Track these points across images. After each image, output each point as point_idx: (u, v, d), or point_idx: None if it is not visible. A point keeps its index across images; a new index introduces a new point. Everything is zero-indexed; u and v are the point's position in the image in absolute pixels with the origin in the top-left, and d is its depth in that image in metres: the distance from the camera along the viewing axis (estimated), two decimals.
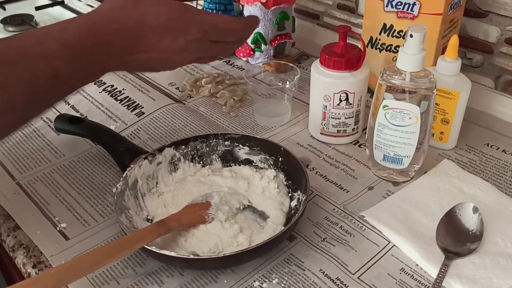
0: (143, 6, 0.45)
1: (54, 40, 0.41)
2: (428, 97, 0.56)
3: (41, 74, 0.40)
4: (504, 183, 0.60)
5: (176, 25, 0.46)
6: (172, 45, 0.46)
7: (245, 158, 0.62)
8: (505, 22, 0.71)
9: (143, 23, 0.45)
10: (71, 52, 0.42)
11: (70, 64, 0.42)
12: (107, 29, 0.44)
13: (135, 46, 0.45)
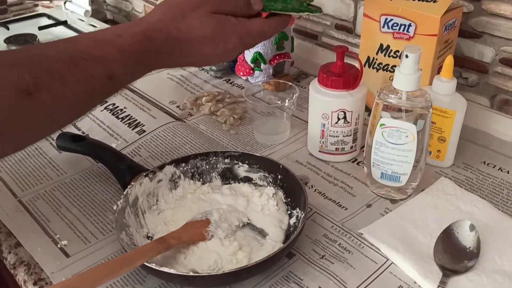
0: (190, 18, 0.50)
1: (111, 45, 0.46)
2: (424, 115, 0.57)
3: (98, 75, 0.45)
4: (501, 200, 0.61)
5: (218, 35, 0.52)
6: (213, 52, 0.53)
7: (245, 176, 0.63)
8: (499, 43, 0.72)
9: (189, 34, 0.50)
10: (125, 57, 0.46)
11: (123, 67, 0.47)
12: (157, 38, 0.49)
13: (180, 52, 0.51)
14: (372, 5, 0.67)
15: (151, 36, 0.48)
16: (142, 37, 0.48)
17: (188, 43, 0.50)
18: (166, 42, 0.49)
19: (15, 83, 0.39)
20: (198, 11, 0.51)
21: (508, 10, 0.69)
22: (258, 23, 0.55)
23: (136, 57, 0.47)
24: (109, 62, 0.45)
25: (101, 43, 0.46)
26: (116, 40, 0.47)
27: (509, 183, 0.64)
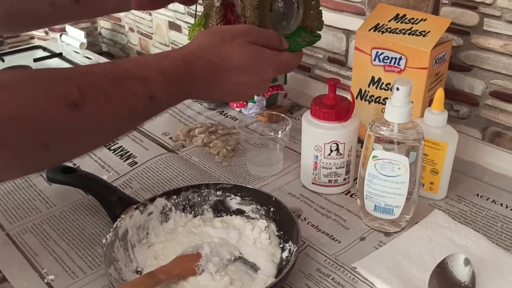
0: (229, 46, 0.53)
1: (153, 68, 0.48)
2: (416, 148, 0.57)
3: (140, 94, 0.46)
4: (495, 233, 0.61)
5: (255, 64, 0.54)
6: (249, 81, 0.55)
7: (237, 208, 0.62)
8: (489, 76, 0.73)
9: (227, 61, 0.52)
10: (166, 79, 0.49)
11: (164, 89, 0.48)
12: (197, 63, 0.51)
13: (217, 78, 0.53)
14: (363, 39, 0.68)
15: (191, 61, 0.51)
16: (183, 62, 0.50)
17: (226, 69, 0.52)
18: (205, 67, 0.51)
19: (63, 95, 0.41)
20: (237, 40, 0.53)
21: (496, 44, 0.71)
22: (288, 55, 0.59)
23: (176, 80, 0.49)
24: (150, 83, 0.47)
25: (144, 65, 0.48)
26: (158, 63, 0.49)
27: (503, 216, 0.63)
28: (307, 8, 0.67)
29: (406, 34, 0.65)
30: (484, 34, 0.71)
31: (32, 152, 0.40)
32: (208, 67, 0.52)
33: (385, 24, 0.67)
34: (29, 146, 0.40)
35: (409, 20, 0.67)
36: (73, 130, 0.42)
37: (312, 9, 0.66)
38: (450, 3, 0.74)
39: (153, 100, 0.47)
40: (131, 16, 1.42)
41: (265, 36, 0.57)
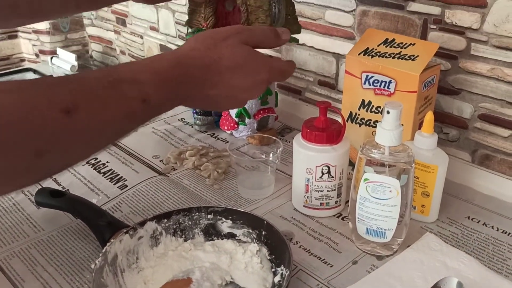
0: (221, 47, 0.52)
1: (146, 70, 0.47)
2: (407, 170, 0.57)
3: (134, 98, 0.46)
4: (487, 256, 0.61)
5: (248, 66, 0.53)
6: (242, 83, 0.53)
7: (228, 232, 0.62)
8: (477, 99, 0.74)
9: (220, 62, 0.51)
10: (160, 80, 0.48)
11: (158, 90, 0.47)
12: (190, 64, 0.50)
13: (210, 80, 0.51)
14: (353, 63, 0.69)
15: (184, 62, 0.50)
16: (176, 63, 0.50)
17: (219, 71, 0.51)
18: (198, 69, 0.51)
19: (57, 101, 0.40)
20: (229, 41, 0.52)
21: (484, 68, 0.72)
22: (281, 61, 0.58)
23: (169, 81, 0.48)
24: (144, 85, 0.46)
25: (137, 68, 0.48)
26: (152, 65, 0.48)
27: (494, 239, 0.64)
28: (286, 14, 0.67)
29: (395, 58, 0.66)
30: (472, 59, 0.73)
31: (25, 160, 0.39)
32: (202, 68, 0.51)
33: (374, 48, 0.68)
34: (22, 154, 0.39)
35: (398, 44, 0.68)
36: (67, 136, 0.41)
37: (290, 14, 0.67)
38: (437, 28, 0.75)
39: (146, 103, 0.46)
40: (122, 39, 1.43)
41: (258, 33, 0.56)
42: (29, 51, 1.49)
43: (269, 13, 0.60)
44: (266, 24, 0.60)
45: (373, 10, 0.82)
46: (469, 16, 0.71)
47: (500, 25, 0.68)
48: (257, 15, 0.59)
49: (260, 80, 0.54)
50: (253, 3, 0.59)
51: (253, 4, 0.59)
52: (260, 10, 0.59)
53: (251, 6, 0.60)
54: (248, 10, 0.60)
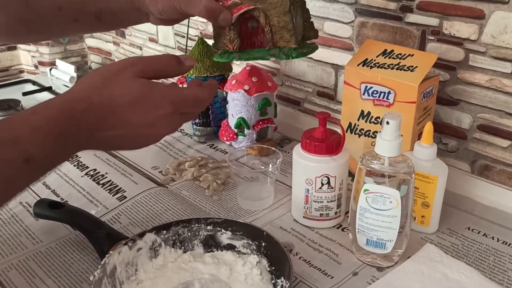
0: (112, 84, 0.47)
1: (26, 125, 0.42)
2: (407, 181, 0.57)
3: (11, 160, 0.41)
4: (488, 267, 0.60)
5: (145, 101, 0.47)
6: (141, 120, 0.47)
7: (228, 243, 0.61)
8: (476, 110, 0.74)
9: (111, 100, 0.46)
10: (42, 135, 0.42)
11: (41, 147, 0.42)
12: (77, 108, 0.44)
13: (104, 122, 0.46)
14: (352, 74, 0.69)
15: (70, 107, 0.44)
16: (60, 109, 0.44)
17: (112, 110, 0.46)
18: (87, 111, 0.45)
19: None
20: (120, 76, 0.47)
21: (482, 79, 0.72)
22: (192, 89, 0.52)
23: (54, 133, 0.43)
24: (23, 144, 0.41)
25: (15, 124, 0.42)
26: (31, 118, 0.43)
27: (495, 250, 0.63)
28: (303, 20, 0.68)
29: (394, 69, 0.66)
30: (470, 69, 0.73)
31: None
32: (91, 110, 0.45)
33: (373, 59, 0.69)
34: None
35: (396, 55, 0.68)
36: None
37: (306, 20, 0.67)
38: (436, 39, 0.75)
39: (29, 162, 0.41)
40: (121, 51, 1.44)
41: (154, 62, 0.50)
42: (28, 62, 1.49)
43: (293, 32, 0.61)
44: (291, 43, 0.61)
45: (371, 22, 0.83)
46: (467, 27, 0.71)
47: (498, 36, 0.69)
48: (282, 35, 0.61)
49: (164, 114, 0.48)
50: (277, 23, 0.60)
51: (277, 25, 0.60)
52: (284, 30, 0.60)
53: (274, 27, 0.61)
54: (272, 31, 0.61)
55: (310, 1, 0.90)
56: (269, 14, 0.60)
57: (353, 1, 0.84)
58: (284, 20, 0.60)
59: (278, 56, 0.62)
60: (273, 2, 0.60)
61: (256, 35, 0.63)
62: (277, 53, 0.62)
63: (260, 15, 0.60)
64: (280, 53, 0.62)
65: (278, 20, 0.60)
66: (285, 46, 0.62)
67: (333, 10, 0.87)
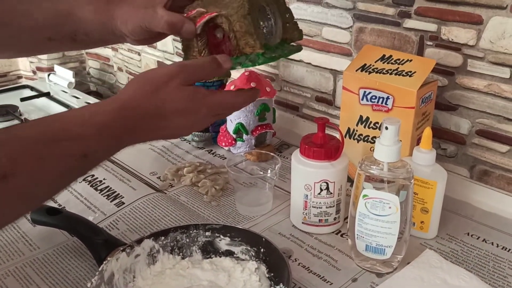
0: (162, 93, 0.51)
1: (89, 124, 0.46)
2: (406, 186, 0.57)
3: (74, 154, 0.45)
4: (487, 273, 0.60)
5: (189, 107, 0.52)
6: (184, 124, 0.53)
7: (226, 249, 0.61)
8: (475, 115, 0.74)
9: (163, 109, 0.51)
10: (102, 135, 0.47)
11: (100, 145, 0.47)
12: (132, 116, 0.49)
13: (156, 127, 0.51)
14: (350, 79, 0.69)
15: (126, 115, 0.49)
16: (118, 115, 0.48)
17: (163, 117, 0.51)
18: (141, 119, 0.50)
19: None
20: (170, 85, 0.51)
21: (480, 84, 0.72)
22: (228, 93, 0.59)
23: (112, 135, 0.48)
24: (86, 141, 0.46)
25: (78, 122, 0.46)
26: (93, 119, 0.47)
27: (494, 255, 0.63)
28: (283, 22, 0.64)
29: (392, 74, 0.66)
30: (468, 75, 0.73)
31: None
32: (146, 117, 0.50)
33: (371, 64, 0.69)
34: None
35: (395, 60, 0.68)
36: (4, 200, 0.41)
37: (288, 22, 0.64)
38: (434, 45, 0.75)
39: (87, 157, 0.46)
40: (120, 56, 1.44)
41: (197, 68, 0.54)
42: (27, 68, 1.49)
43: (257, 36, 0.57)
44: (257, 48, 0.57)
45: (369, 27, 0.83)
46: (465, 33, 0.72)
47: (496, 42, 0.69)
48: (246, 40, 0.57)
49: (201, 117, 0.54)
50: (239, 28, 0.56)
51: (240, 30, 0.57)
52: (247, 35, 0.57)
53: (238, 32, 0.57)
54: (237, 37, 0.57)
55: (308, 7, 0.90)
56: (232, 20, 0.57)
57: (352, 7, 0.84)
58: (245, 23, 0.56)
59: (244, 64, 0.57)
60: (234, 6, 0.57)
61: (223, 43, 0.59)
62: (243, 60, 0.57)
63: (223, 22, 0.57)
64: (246, 61, 0.57)
65: (240, 24, 0.56)
66: (251, 53, 0.57)
67: (332, 15, 0.87)
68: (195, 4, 0.60)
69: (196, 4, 0.60)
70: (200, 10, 0.58)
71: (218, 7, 0.57)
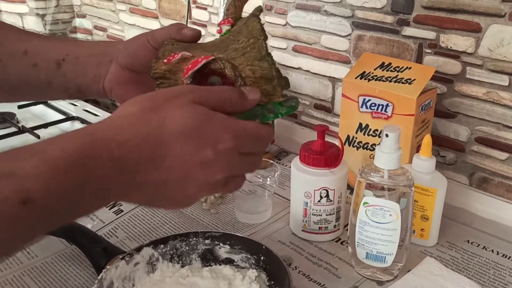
0: (164, 110, 0.37)
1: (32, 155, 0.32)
2: (407, 194, 0.57)
3: (8, 197, 0.30)
4: (488, 281, 0.60)
5: (202, 132, 0.37)
6: (197, 157, 0.37)
7: (226, 257, 0.60)
8: (474, 123, 0.74)
9: (162, 129, 0.36)
10: (52, 169, 0.32)
11: (48, 186, 0.31)
12: (114, 139, 0.34)
13: (150, 159, 0.36)
14: (350, 86, 0.69)
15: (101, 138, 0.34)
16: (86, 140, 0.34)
17: (161, 141, 0.36)
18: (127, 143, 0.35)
19: None
20: (175, 101, 0.38)
21: (479, 92, 0.72)
22: (253, 123, 0.42)
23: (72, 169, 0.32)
24: (23, 179, 0.31)
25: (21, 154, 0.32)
26: (43, 148, 0.33)
27: (495, 263, 0.63)
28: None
29: (392, 81, 0.67)
30: (467, 82, 0.73)
31: None
32: (135, 143, 0.35)
33: (371, 72, 0.69)
34: None
35: (394, 68, 0.68)
36: None
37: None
38: (433, 52, 0.76)
39: (27, 205, 0.30)
40: None
41: (216, 93, 0.40)
42: None
43: (278, 81, 0.44)
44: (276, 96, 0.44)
45: (368, 35, 0.83)
46: (464, 41, 0.72)
47: (495, 49, 0.69)
48: (260, 86, 0.44)
49: (224, 149, 0.38)
50: (251, 73, 0.43)
51: (252, 75, 0.44)
52: (263, 80, 0.43)
53: (249, 78, 0.44)
54: (247, 84, 0.44)
55: (307, 14, 0.90)
56: (237, 64, 0.44)
57: (350, 15, 0.85)
58: (262, 67, 0.43)
59: (264, 116, 0.44)
60: (239, 47, 0.44)
61: None
62: (259, 113, 0.44)
63: (225, 66, 0.44)
64: (265, 111, 0.44)
65: (252, 69, 0.43)
66: (267, 102, 0.44)
67: (330, 23, 0.88)
68: (170, 47, 0.47)
69: (171, 47, 0.47)
70: (184, 54, 0.45)
71: (208, 50, 0.45)
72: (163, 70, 0.45)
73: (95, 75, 0.54)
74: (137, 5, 1.27)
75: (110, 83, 0.54)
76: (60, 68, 0.54)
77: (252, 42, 0.44)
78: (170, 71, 0.45)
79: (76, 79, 0.54)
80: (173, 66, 0.45)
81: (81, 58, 0.54)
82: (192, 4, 1.11)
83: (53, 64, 0.54)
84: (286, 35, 0.95)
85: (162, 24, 1.22)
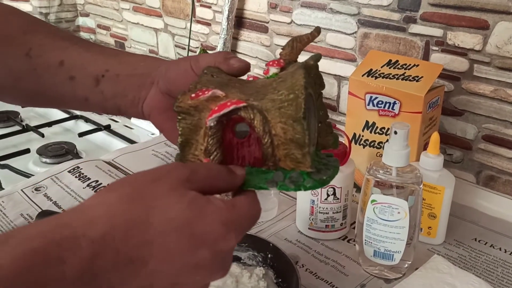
0: (147, 198, 0.31)
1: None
2: (415, 191, 0.56)
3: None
4: (496, 279, 0.59)
5: (197, 226, 0.31)
6: (190, 259, 0.31)
7: (233, 255, 0.60)
8: (481, 120, 0.74)
9: (146, 223, 0.30)
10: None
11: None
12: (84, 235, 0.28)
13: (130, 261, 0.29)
14: (356, 84, 0.69)
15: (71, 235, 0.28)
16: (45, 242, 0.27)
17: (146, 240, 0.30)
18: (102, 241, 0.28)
19: None
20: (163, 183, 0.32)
21: (487, 89, 0.72)
22: (244, 205, 0.36)
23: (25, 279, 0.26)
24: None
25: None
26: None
27: (503, 261, 0.63)
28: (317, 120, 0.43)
29: (399, 79, 0.66)
30: (475, 80, 0.73)
31: None
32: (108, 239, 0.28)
33: (378, 69, 0.69)
34: None
35: (401, 65, 0.68)
36: None
37: (322, 121, 0.43)
38: (440, 50, 0.75)
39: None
40: None
41: (202, 172, 0.35)
42: None
43: (308, 149, 0.37)
44: (304, 166, 0.38)
45: (374, 33, 0.83)
46: (471, 38, 0.72)
47: (503, 47, 0.69)
48: (289, 151, 0.38)
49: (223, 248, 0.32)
50: (282, 132, 0.37)
51: (282, 135, 0.38)
52: (293, 145, 0.38)
53: (278, 137, 0.38)
54: (274, 143, 0.38)
55: (312, 12, 0.90)
56: (269, 118, 0.38)
57: (356, 12, 0.84)
58: (295, 129, 0.37)
59: (282, 185, 0.38)
60: (277, 99, 0.37)
61: (247, 147, 0.40)
62: (281, 179, 0.38)
63: (255, 117, 0.38)
64: (286, 181, 0.38)
65: (284, 128, 0.38)
66: (293, 169, 0.38)
67: (336, 21, 0.87)
68: (207, 79, 0.42)
69: (208, 78, 0.42)
70: (216, 93, 0.39)
71: (245, 93, 0.39)
72: (188, 105, 0.39)
73: (134, 97, 0.50)
74: (140, 3, 1.27)
75: (148, 108, 0.50)
76: (98, 85, 0.50)
77: (292, 98, 0.37)
78: (196, 108, 0.39)
79: (114, 99, 0.50)
80: (200, 103, 0.39)
81: (121, 77, 0.50)
82: (196, 2, 1.11)
83: (91, 79, 0.50)
84: (291, 33, 0.95)
85: (165, 22, 1.22)
